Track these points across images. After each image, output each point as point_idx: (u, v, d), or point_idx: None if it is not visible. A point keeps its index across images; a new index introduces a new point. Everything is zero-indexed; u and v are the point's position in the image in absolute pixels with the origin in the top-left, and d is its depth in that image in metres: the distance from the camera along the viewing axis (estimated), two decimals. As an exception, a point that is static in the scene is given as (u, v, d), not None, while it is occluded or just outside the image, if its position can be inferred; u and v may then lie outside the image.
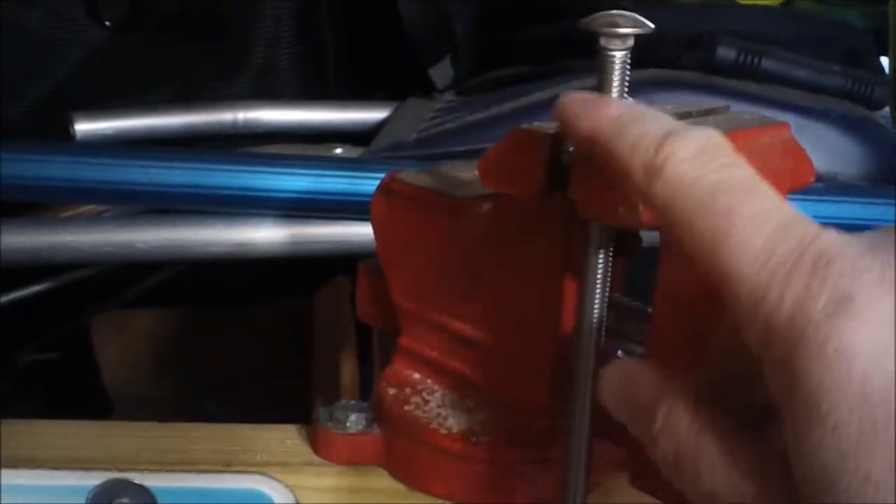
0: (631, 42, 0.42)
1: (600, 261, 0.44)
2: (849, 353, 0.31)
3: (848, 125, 0.75)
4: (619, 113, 0.39)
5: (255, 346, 0.99)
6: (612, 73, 0.42)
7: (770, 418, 0.37)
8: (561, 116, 0.41)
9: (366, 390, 0.84)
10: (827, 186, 0.71)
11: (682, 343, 0.43)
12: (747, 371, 0.37)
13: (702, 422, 0.37)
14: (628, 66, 0.42)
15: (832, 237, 0.34)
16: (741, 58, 0.78)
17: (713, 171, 0.36)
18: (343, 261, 0.72)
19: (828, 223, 0.35)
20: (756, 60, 0.78)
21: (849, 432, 0.31)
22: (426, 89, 0.90)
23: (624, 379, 0.40)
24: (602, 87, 0.42)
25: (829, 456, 0.31)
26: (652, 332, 0.46)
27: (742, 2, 0.86)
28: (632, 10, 0.42)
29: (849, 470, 0.31)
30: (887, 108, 0.79)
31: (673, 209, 0.36)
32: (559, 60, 0.84)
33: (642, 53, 0.43)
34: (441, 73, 0.90)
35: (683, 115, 0.47)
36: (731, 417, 0.37)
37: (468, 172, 0.53)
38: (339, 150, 0.81)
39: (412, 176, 0.54)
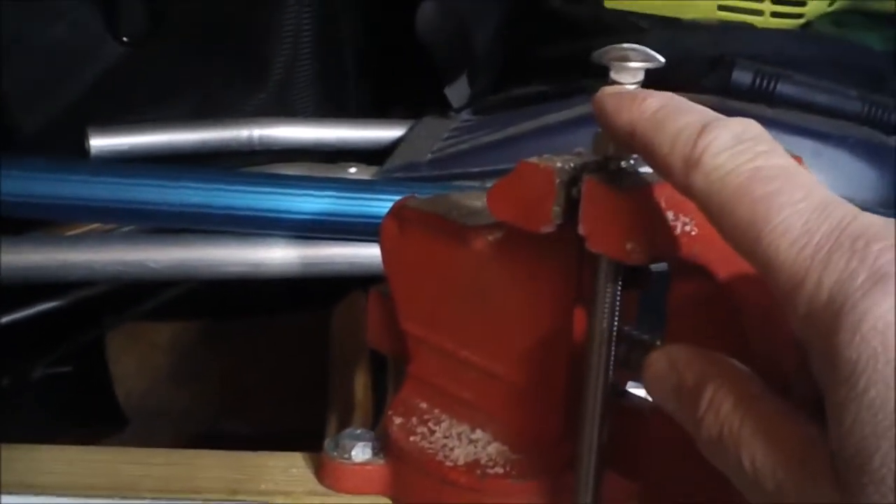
0: (641, 76, 0.42)
1: (608, 294, 0.44)
2: (885, 330, 0.32)
3: (866, 151, 0.75)
4: (657, 107, 0.39)
5: (272, 358, 0.99)
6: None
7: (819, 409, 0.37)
8: (599, 111, 0.41)
9: (381, 406, 0.84)
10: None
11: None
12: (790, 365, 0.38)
13: (746, 406, 0.37)
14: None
15: (870, 219, 0.34)
16: (757, 81, 0.78)
17: (750, 159, 0.36)
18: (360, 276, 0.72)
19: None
20: (773, 84, 0.78)
21: (885, 409, 0.31)
22: (443, 107, 0.89)
23: (671, 362, 0.40)
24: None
25: (864, 433, 0.32)
26: None
27: (760, 25, 0.85)
28: (650, 31, 0.42)
29: (882, 449, 0.31)
30: (906, 134, 0.78)
31: (712, 200, 0.36)
32: (577, 79, 0.84)
33: (664, 76, 0.43)
34: (457, 91, 0.90)
35: None
36: (777, 402, 0.37)
37: (479, 200, 0.53)
38: (352, 170, 0.81)
39: (423, 202, 0.54)
